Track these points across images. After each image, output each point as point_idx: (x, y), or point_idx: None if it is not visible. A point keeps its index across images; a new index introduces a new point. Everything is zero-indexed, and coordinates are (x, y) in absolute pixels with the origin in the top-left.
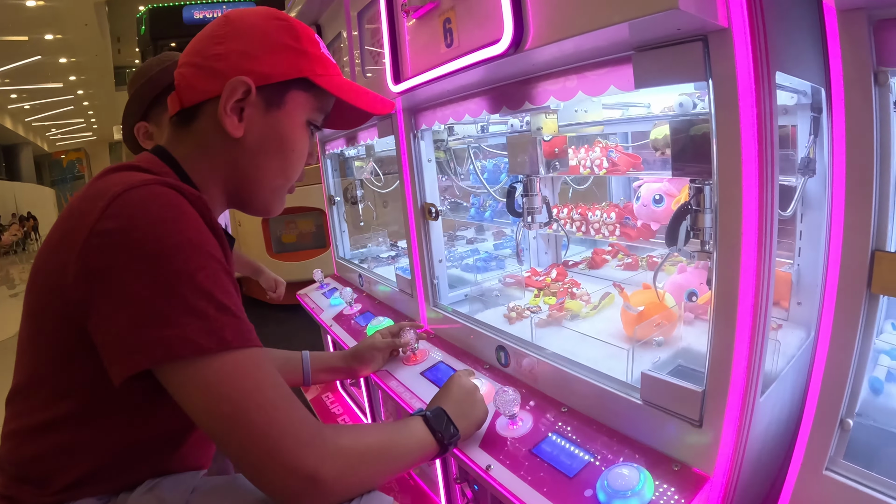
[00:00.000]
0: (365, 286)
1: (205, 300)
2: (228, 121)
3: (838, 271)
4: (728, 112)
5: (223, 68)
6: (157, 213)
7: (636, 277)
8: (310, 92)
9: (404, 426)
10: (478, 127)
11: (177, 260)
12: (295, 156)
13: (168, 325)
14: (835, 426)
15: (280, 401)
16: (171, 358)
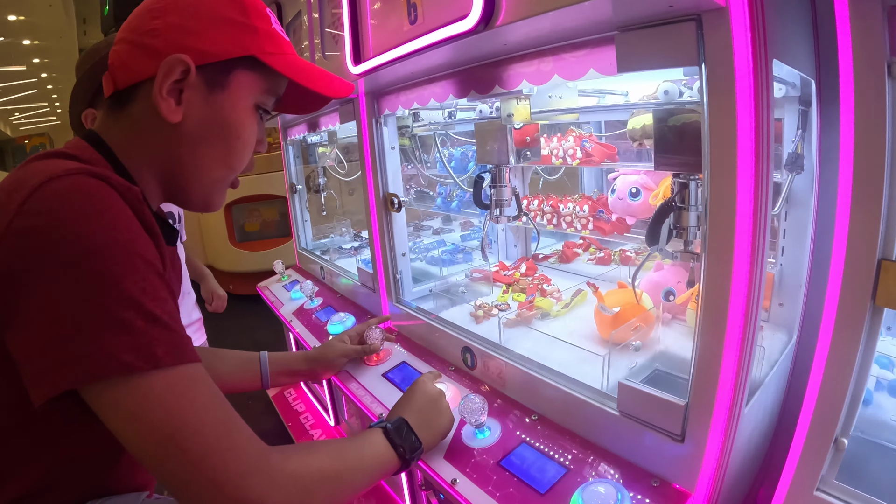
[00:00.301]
0: (327, 279)
1: (132, 310)
2: (164, 104)
3: (840, 281)
4: (723, 101)
5: (159, 45)
6: (80, 207)
7: (610, 274)
8: (257, 72)
9: (362, 441)
10: (445, 113)
11: (100, 263)
12: (240, 143)
13: (90, 341)
14: (829, 445)
15: (220, 424)
16: (94, 378)
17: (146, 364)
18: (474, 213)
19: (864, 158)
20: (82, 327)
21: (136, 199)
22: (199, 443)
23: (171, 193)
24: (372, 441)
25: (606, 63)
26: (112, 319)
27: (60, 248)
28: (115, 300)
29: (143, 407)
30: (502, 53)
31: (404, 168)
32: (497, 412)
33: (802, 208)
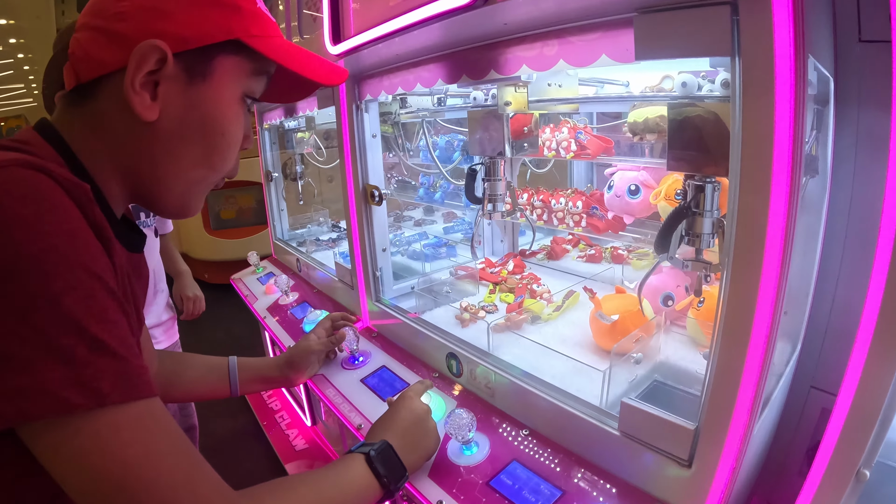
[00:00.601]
0: (303, 272)
1: (73, 335)
2: (138, 100)
3: (879, 304)
4: (760, 99)
5: (128, 31)
6: (10, 209)
7: (604, 274)
8: (242, 57)
9: (343, 472)
10: (434, 99)
11: (34, 277)
12: (226, 140)
13: (22, 371)
14: (850, 478)
15: (178, 473)
16: (27, 418)
17: (89, 401)
18: (458, 204)
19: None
20: (13, 356)
21: (84, 196)
22: (155, 496)
23: (141, 198)
24: (353, 470)
25: (622, 49)
26: (48, 346)
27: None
28: (51, 322)
29: (87, 452)
30: (501, 35)
31: (386, 157)
32: (485, 426)
33: (814, 213)
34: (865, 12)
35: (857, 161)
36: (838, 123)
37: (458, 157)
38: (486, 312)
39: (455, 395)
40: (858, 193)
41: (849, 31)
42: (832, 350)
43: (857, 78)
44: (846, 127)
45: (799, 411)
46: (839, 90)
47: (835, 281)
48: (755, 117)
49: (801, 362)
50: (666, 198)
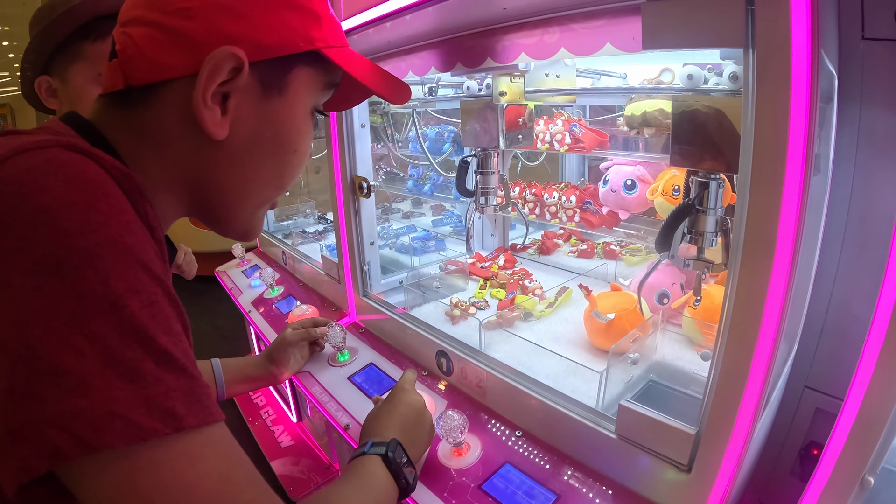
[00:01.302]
0: (289, 265)
1: (139, 346)
2: (209, 115)
3: (890, 313)
4: (774, 94)
5: (197, 33)
6: (58, 193)
7: (598, 270)
8: (316, 68)
9: (367, 478)
10: (425, 89)
11: (90, 274)
12: (297, 157)
13: (78, 391)
14: (855, 485)
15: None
16: (88, 450)
17: (164, 426)
18: (447, 197)
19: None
20: (65, 372)
21: (135, 189)
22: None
23: (201, 217)
24: (375, 475)
25: (627, 37)
26: (110, 360)
27: (31, 250)
28: (113, 331)
29: (158, 490)
30: (499, 20)
31: (374, 147)
32: (477, 426)
33: (815, 212)
34: (869, 9)
35: (858, 159)
36: (840, 121)
37: (449, 149)
38: (476, 309)
39: (445, 393)
40: (858, 192)
41: (852, 28)
42: (827, 350)
43: (860, 75)
44: (848, 125)
45: (792, 411)
46: (841, 87)
47: (832, 280)
48: (769, 113)
49: (796, 362)
50: (663, 194)
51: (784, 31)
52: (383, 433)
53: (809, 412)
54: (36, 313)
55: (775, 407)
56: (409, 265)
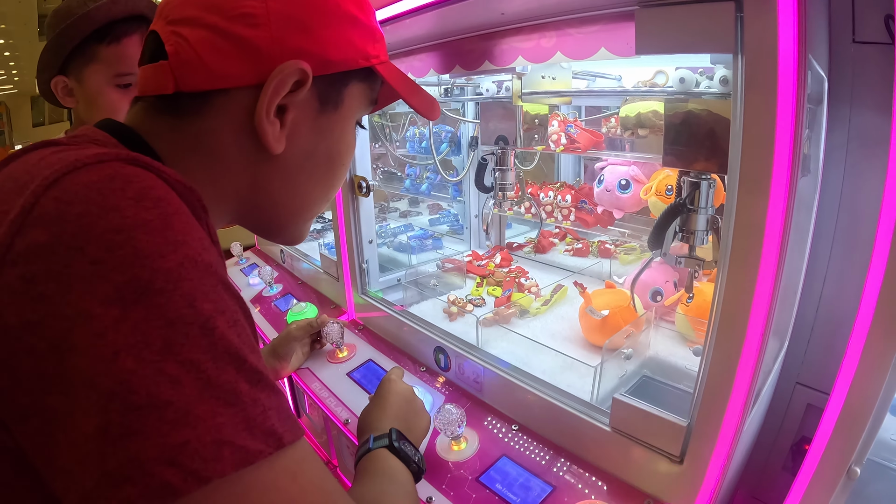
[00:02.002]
0: (287, 263)
1: (233, 368)
2: (271, 129)
3: (874, 305)
4: (761, 98)
5: (263, 43)
6: (130, 212)
7: (593, 268)
8: (366, 83)
9: (389, 472)
10: (441, 90)
11: (178, 298)
12: (344, 170)
13: (185, 423)
14: (841, 476)
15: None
16: (200, 482)
17: (268, 446)
18: (444, 196)
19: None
20: (164, 404)
21: (198, 203)
22: None
23: (250, 224)
24: (391, 467)
25: (621, 42)
26: (208, 385)
27: (110, 276)
28: (207, 353)
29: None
30: (497, 25)
31: (372, 147)
32: (474, 420)
33: (805, 212)
34: (860, 13)
35: (848, 161)
36: (830, 123)
37: (446, 149)
38: (473, 306)
39: (443, 389)
40: (848, 193)
41: (843, 31)
42: (818, 347)
43: (850, 78)
44: (838, 127)
45: (784, 407)
46: (832, 90)
47: (822, 279)
48: (757, 116)
49: (787, 359)
50: (657, 193)
51: (772, 38)
52: (380, 426)
53: (801, 408)
54: (126, 345)
55: (767, 402)
56: (406, 263)
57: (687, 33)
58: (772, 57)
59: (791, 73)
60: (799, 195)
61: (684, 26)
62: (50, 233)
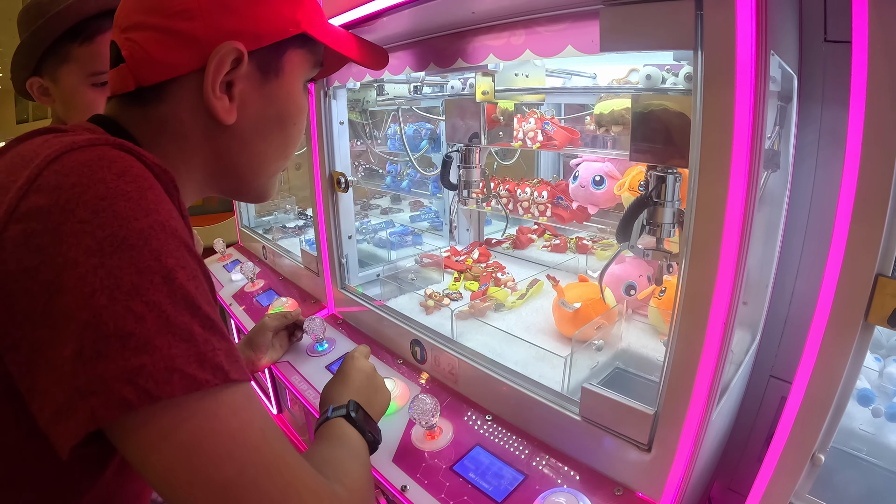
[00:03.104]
0: (269, 259)
1: (188, 312)
2: (220, 104)
3: (833, 295)
4: (720, 93)
5: (198, 31)
6: (113, 184)
7: (568, 263)
8: (305, 48)
9: (343, 438)
10: (410, 87)
11: (147, 252)
12: (297, 129)
13: (141, 350)
14: (806, 462)
15: (289, 455)
16: (151, 400)
17: (216, 377)
18: (425, 192)
19: (871, 167)
20: (128, 334)
21: (171, 183)
22: (276, 482)
23: (217, 189)
24: (347, 434)
25: (587, 40)
26: (167, 323)
27: (94, 232)
28: (168, 298)
29: (204, 436)
30: (469, 23)
31: (353, 144)
32: (449, 411)
33: (775, 207)
34: (832, 13)
35: (819, 157)
36: (801, 120)
37: (426, 146)
38: (450, 300)
39: (419, 381)
40: (819, 188)
41: (815, 30)
42: (791, 340)
43: (822, 77)
44: (809, 124)
45: (759, 399)
46: (803, 88)
47: (794, 273)
48: (715, 110)
49: (760, 352)
50: (630, 189)
51: (730, 35)
52: (340, 399)
53: (775, 400)
54: (101, 286)
55: (739, 395)
56: (386, 259)
57: (649, 31)
58: (730, 53)
59: (750, 69)
60: (768, 190)
61: (646, 24)
62: (49, 198)
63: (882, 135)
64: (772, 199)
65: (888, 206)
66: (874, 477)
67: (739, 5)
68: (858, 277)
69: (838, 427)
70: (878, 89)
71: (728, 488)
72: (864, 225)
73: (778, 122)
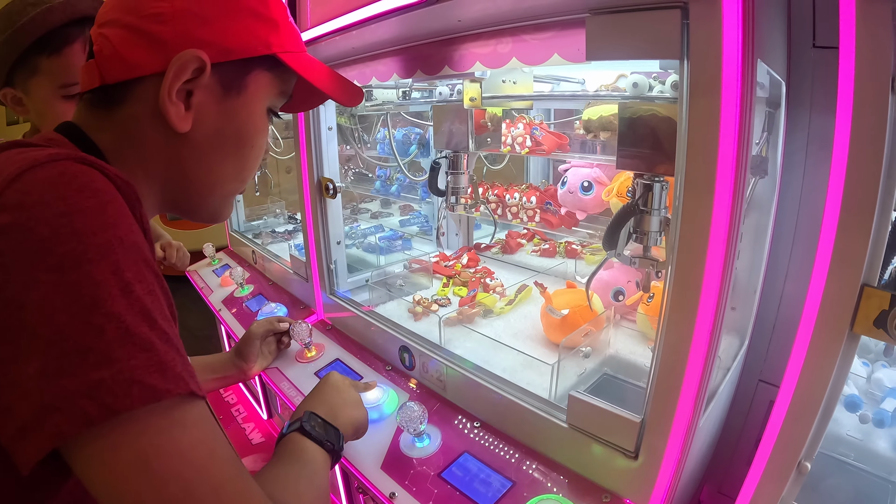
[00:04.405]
0: (259, 264)
1: (146, 324)
2: (174, 110)
3: (818, 304)
4: (706, 102)
5: (167, 35)
6: (73, 200)
7: (557, 268)
8: (274, 72)
9: (298, 452)
10: (399, 93)
11: (105, 266)
12: (254, 153)
13: (101, 364)
14: (792, 469)
15: (239, 479)
16: (112, 413)
17: (177, 386)
18: (414, 197)
19: (857, 178)
20: (88, 349)
21: (133, 195)
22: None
23: (174, 206)
24: (302, 448)
25: (573, 49)
26: (126, 334)
27: (54, 249)
28: (127, 310)
29: (155, 454)
30: (455, 31)
31: (342, 149)
32: (437, 418)
33: (763, 213)
34: (820, 19)
35: (808, 163)
36: (790, 126)
37: (415, 151)
38: (438, 306)
39: (407, 388)
40: (808, 194)
41: (803, 36)
42: (780, 344)
43: (810, 83)
44: (798, 130)
45: (748, 404)
46: (792, 94)
47: (783, 278)
48: (701, 119)
49: (749, 357)
50: (618, 195)
51: (716, 44)
52: (299, 413)
53: (764, 405)
54: (62, 302)
55: (728, 399)
56: (375, 264)
57: (635, 40)
58: (716, 63)
59: (736, 78)
60: (755, 196)
61: (632, 33)
62: (10, 216)
63: (869, 144)
64: (760, 204)
65: (874, 216)
66: (862, 482)
67: (726, 15)
68: (844, 287)
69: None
70: (864, 96)
71: (718, 492)
72: (851, 235)
73: (766, 128)
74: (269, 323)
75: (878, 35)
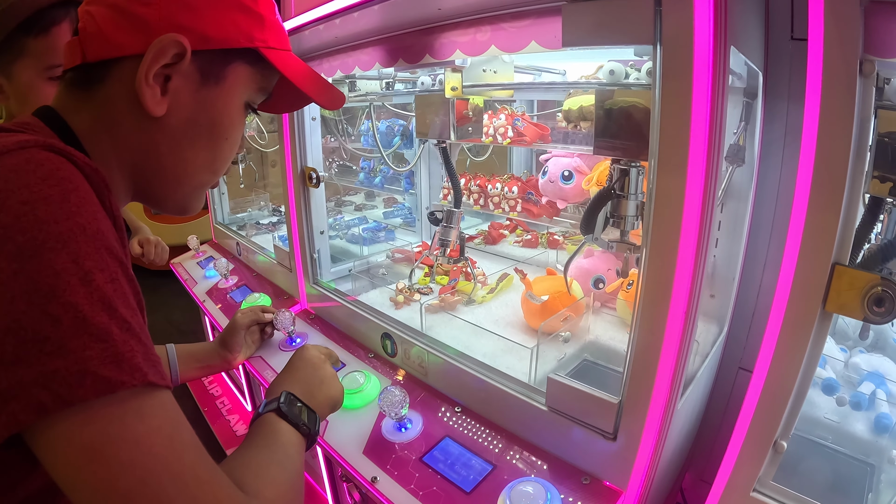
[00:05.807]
0: (243, 256)
1: (106, 314)
2: (149, 92)
3: (790, 283)
4: (677, 87)
5: (151, 18)
6: (36, 188)
7: (538, 258)
8: (255, 67)
9: (271, 436)
10: (382, 84)
11: (64, 255)
12: (228, 145)
13: (56, 354)
14: (768, 449)
15: (201, 467)
16: (66, 404)
17: (133, 377)
18: (397, 189)
19: (827, 159)
20: (44, 339)
21: (101, 183)
22: (184, 497)
23: (143, 194)
24: (276, 430)
25: (550, 36)
26: (83, 324)
27: (14, 237)
28: (85, 299)
29: (108, 442)
30: (436, 20)
31: (326, 141)
32: (419, 403)
33: (740, 201)
34: (798, 11)
35: (785, 153)
36: (768, 116)
37: (398, 142)
38: (420, 294)
39: (389, 374)
40: (785, 184)
41: (781, 28)
42: (759, 333)
43: (788, 74)
44: (776, 121)
45: (728, 391)
46: (769, 85)
47: (762, 267)
48: (673, 103)
49: (728, 344)
50: (597, 184)
51: (687, 30)
52: (276, 391)
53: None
54: (20, 291)
55: (708, 386)
56: (358, 254)
57: (610, 27)
58: (687, 47)
59: (707, 63)
60: (733, 185)
61: (608, 20)
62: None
63: (837, 124)
64: (738, 194)
65: (844, 195)
66: (839, 464)
67: (698, 2)
68: (815, 266)
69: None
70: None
71: (699, 479)
72: (821, 214)
73: (743, 117)
74: (254, 313)
75: (847, 24)
